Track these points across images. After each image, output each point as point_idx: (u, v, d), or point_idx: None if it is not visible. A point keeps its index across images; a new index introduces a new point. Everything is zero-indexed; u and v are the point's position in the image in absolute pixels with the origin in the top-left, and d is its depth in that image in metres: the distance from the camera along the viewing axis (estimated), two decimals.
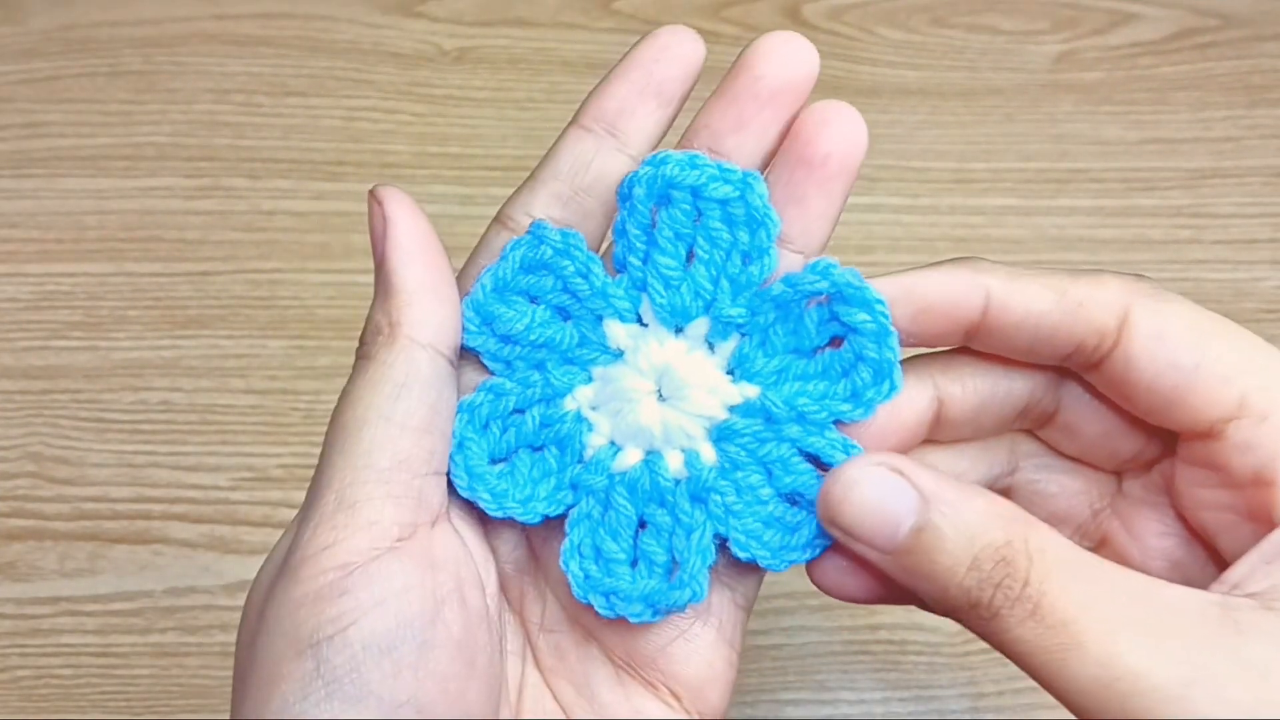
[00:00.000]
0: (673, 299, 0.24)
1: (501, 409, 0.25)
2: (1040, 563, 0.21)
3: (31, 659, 0.41)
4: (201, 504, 0.44)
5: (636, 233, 0.24)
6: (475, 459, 0.24)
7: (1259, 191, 0.52)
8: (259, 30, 0.56)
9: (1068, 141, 0.53)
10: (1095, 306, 0.23)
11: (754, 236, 0.24)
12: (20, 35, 0.55)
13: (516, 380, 0.25)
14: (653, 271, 0.24)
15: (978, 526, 0.22)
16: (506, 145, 0.53)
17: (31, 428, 0.45)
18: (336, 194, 0.51)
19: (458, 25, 0.56)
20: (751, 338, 0.25)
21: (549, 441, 0.25)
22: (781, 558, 0.24)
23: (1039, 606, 0.21)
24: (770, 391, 0.24)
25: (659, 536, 0.25)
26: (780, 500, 0.24)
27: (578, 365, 0.25)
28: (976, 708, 0.41)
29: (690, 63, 0.25)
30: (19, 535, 0.43)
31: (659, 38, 0.25)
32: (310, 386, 0.47)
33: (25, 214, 0.50)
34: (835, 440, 0.24)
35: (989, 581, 0.21)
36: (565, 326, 0.25)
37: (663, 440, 0.25)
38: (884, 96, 0.55)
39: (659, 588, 0.24)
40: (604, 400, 0.25)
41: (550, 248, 0.25)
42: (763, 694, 0.41)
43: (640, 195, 0.24)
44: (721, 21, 0.57)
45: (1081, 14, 0.57)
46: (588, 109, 0.26)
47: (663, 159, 0.24)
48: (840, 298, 0.24)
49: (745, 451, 0.24)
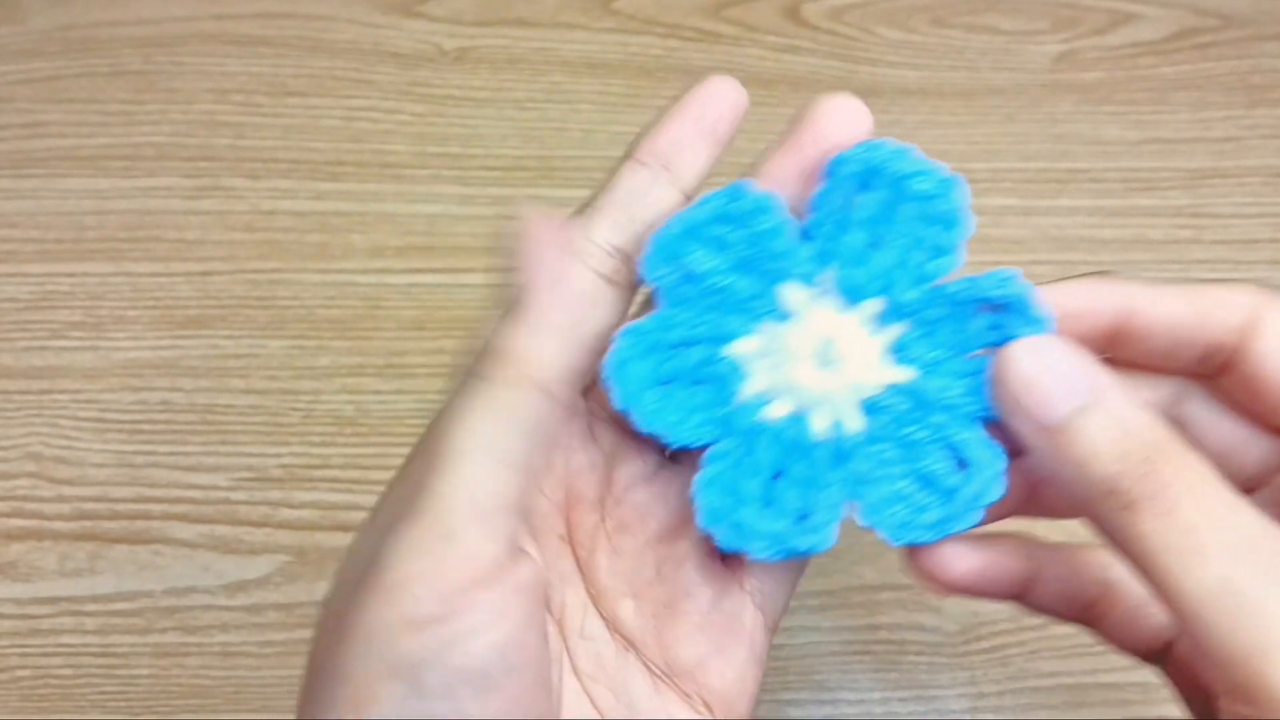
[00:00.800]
0: (854, 276, 0.25)
1: (667, 340, 0.26)
2: (1185, 473, 0.22)
3: (31, 659, 0.41)
4: (201, 504, 0.44)
5: (836, 207, 0.25)
6: (634, 377, 0.25)
7: (1259, 191, 0.52)
8: (259, 30, 0.56)
9: (1068, 141, 0.53)
10: (1227, 310, 0.25)
11: (946, 235, 0.25)
12: (20, 35, 0.55)
13: (686, 317, 0.26)
14: (842, 246, 0.25)
15: (1136, 425, 0.23)
16: (506, 145, 0.53)
17: (31, 427, 0.45)
18: (336, 194, 0.51)
19: (457, 25, 0.56)
20: (918, 327, 0.26)
21: (705, 379, 0.26)
22: (903, 534, 0.25)
23: (1175, 508, 0.22)
24: (925, 379, 0.25)
25: (793, 485, 0.26)
26: (913, 480, 0.25)
27: (747, 316, 0.26)
28: (976, 707, 0.41)
29: (737, 108, 0.27)
30: (19, 535, 0.43)
31: (711, 84, 0.27)
32: (310, 386, 0.47)
33: (25, 214, 0.50)
34: (977, 437, 0.25)
35: (1133, 474, 0.22)
36: (744, 278, 0.26)
37: (814, 401, 0.26)
38: (884, 96, 0.55)
39: (788, 528, 0.25)
40: (766, 354, 0.26)
41: (747, 204, 0.26)
42: (763, 694, 0.41)
43: (846, 174, 0.25)
44: (721, 21, 0.57)
45: (1081, 14, 0.57)
46: (643, 145, 0.27)
47: (875, 145, 0.25)
48: (1013, 309, 0.25)
49: (890, 428, 0.26)
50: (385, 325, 0.48)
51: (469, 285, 0.49)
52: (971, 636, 0.42)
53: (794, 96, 0.54)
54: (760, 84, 0.55)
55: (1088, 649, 0.42)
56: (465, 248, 0.50)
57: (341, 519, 0.44)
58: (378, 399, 0.46)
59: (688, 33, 0.56)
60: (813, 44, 0.56)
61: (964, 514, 0.25)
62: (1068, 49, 0.56)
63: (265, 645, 0.42)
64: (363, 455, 0.45)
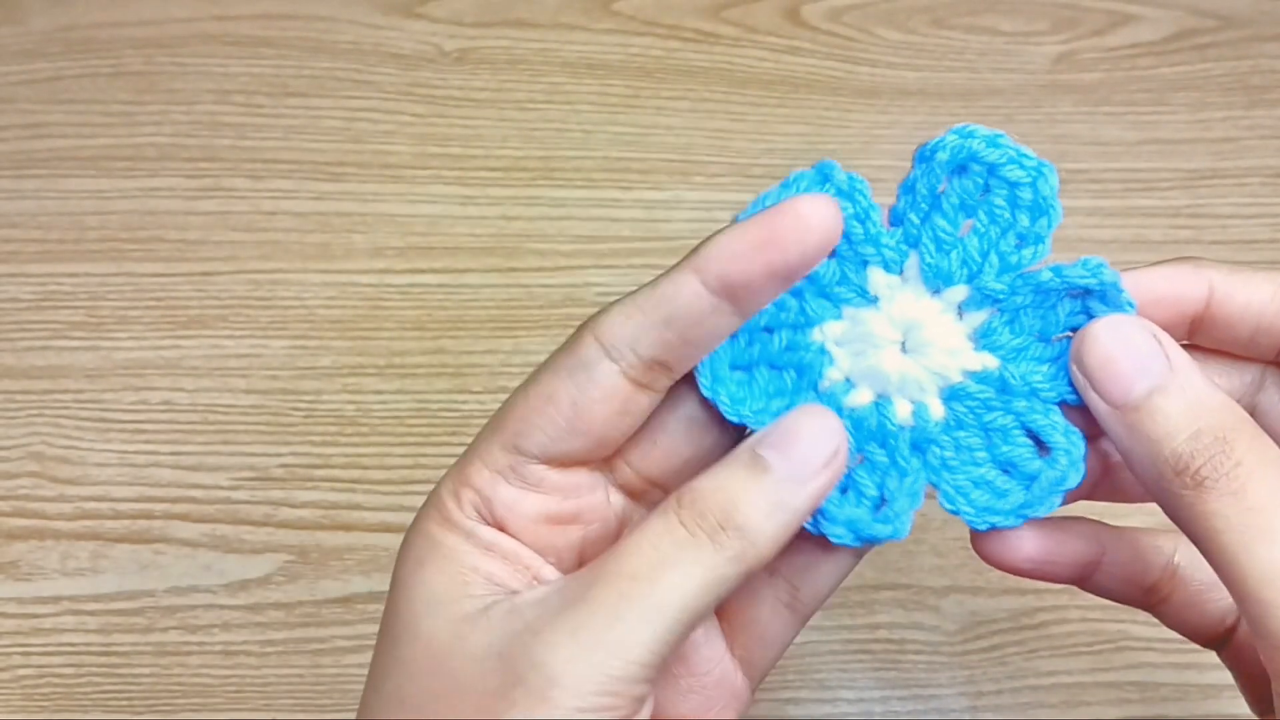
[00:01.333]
0: (941, 262, 0.26)
1: (751, 324, 0.26)
2: (1256, 455, 0.23)
3: (34, 658, 0.42)
4: (203, 503, 0.44)
5: (924, 193, 0.26)
6: (720, 362, 0.25)
7: (1258, 191, 0.52)
8: (260, 31, 0.56)
9: (1067, 142, 0.53)
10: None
11: (1034, 222, 0.25)
12: (21, 36, 0.55)
13: (772, 301, 0.26)
14: (929, 232, 0.26)
15: (1209, 406, 0.23)
16: (507, 146, 0.53)
17: (33, 427, 0.46)
18: (337, 194, 0.51)
19: (458, 26, 0.56)
20: (1003, 314, 0.26)
21: (789, 364, 0.26)
22: (984, 518, 0.26)
23: (1244, 488, 0.22)
24: (1009, 365, 0.26)
25: (873, 472, 0.26)
26: (994, 466, 0.26)
27: (831, 301, 0.26)
28: (976, 707, 0.41)
29: (827, 242, 0.24)
30: (21, 535, 0.44)
31: (804, 207, 0.24)
32: (311, 386, 0.47)
33: (27, 214, 0.50)
34: (1058, 423, 0.25)
35: (1204, 453, 0.23)
36: (829, 262, 0.26)
37: (896, 388, 0.26)
38: (884, 97, 0.55)
39: (865, 516, 0.25)
40: (849, 340, 0.26)
41: (835, 187, 0.25)
42: (763, 693, 0.41)
43: (941, 160, 0.25)
44: (721, 22, 0.57)
45: (1081, 15, 0.57)
46: (711, 262, 0.24)
47: (970, 132, 0.25)
48: (1100, 296, 0.25)
49: (972, 414, 0.26)
50: (386, 325, 0.48)
51: (469, 285, 0.49)
52: (971, 636, 0.42)
53: (793, 97, 0.54)
54: (760, 85, 0.55)
55: (1087, 649, 0.42)
56: (465, 248, 0.50)
57: (342, 519, 0.44)
58: (379, 399, 0.46)
59: (688, 34, 0.57)
60: (813, 45, 0.56)
61: (1045, 499, 0.25)
62: (1067, 50, 0.56)
63: (266, 644, 0.42)
64: (364, 455, 0.45)
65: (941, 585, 0.43)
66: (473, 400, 0.46)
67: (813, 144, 0.53)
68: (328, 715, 0.41)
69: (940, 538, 0.44)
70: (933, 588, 0.43)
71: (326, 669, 0.41)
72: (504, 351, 0.47)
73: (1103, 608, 0.42)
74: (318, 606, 0.42)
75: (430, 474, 0.44)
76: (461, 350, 0.48)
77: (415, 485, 0.44)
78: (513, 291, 0.49)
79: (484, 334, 0.48)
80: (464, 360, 0.47)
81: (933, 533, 0.44)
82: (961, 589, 0.43)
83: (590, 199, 0.52)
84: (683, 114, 0.54)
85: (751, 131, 0.53)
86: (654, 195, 0.52)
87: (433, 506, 0.25)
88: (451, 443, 0.45)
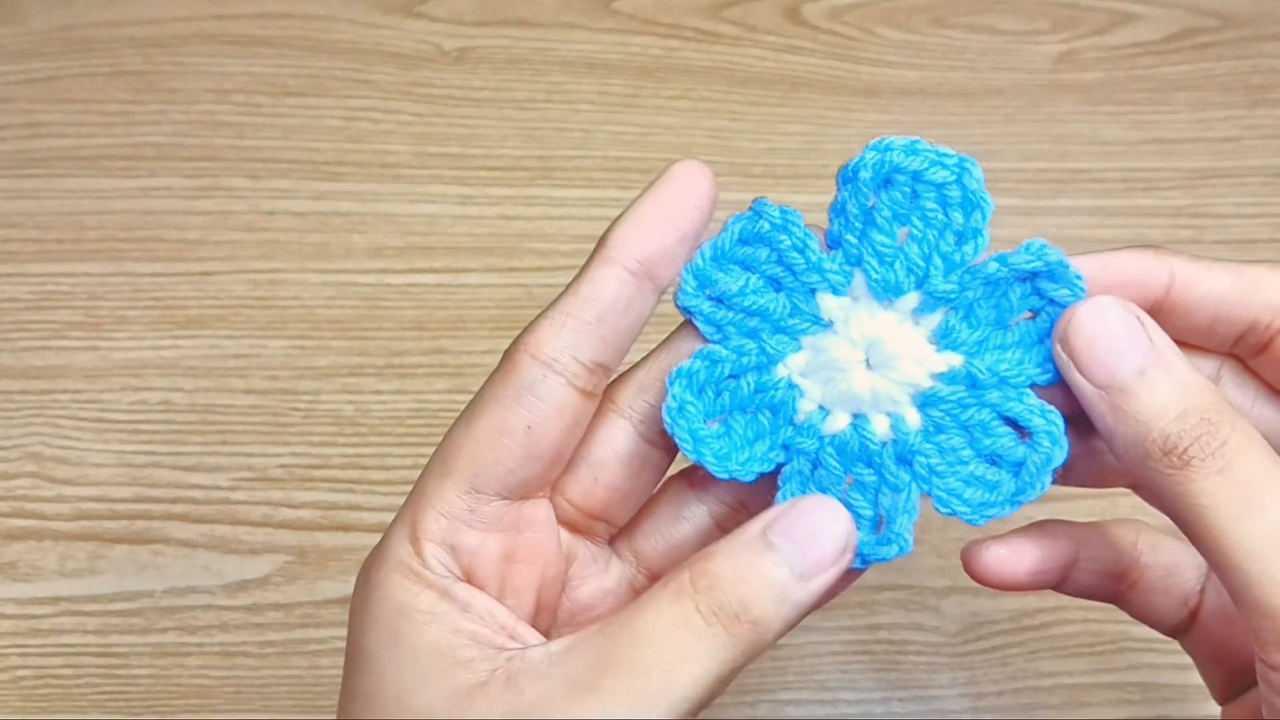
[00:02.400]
0: (887, 275, 0.26)
1: (717, 375, 0.26)
2: (1240, 434, 0.23)
3: (32, 659, 0.41)
4: (201, 504, 0.44)
5: (855, 212, 0.26)
6: (696, 422, 0.26)
7: (1259, 191, 0.52)
8: (259, 30, 0.56)
9: (1068, 141, 0.53)
10: (1270, 285, 0.25)
11: (968, 217, 0.26)
12: (20, 35, 0.55)
13: (731, 348, 0.26)
14: (869, 248, 0.26)
15: (1193, 386, 0.24)
16: (506, 145, 0.53)
17: (32, 428, 0.45)
18: (336, 194, 0.51)
19: (458, 25, 0.56)
20: (957, 311, 0.26)
21: (762, 406, 0.27)
22: (981, 513, 0.26)
23: (1230, 465, 0.23)
24: (974, 360, 0.26)
25: (865, 493, 0.26)
26: (981, 461, 0.26)
27: (788, 335, 0.27)
28: (976, 707, 0.41)
29: (710, 199, 0.26)
30: (19, 535, 0.43)
31: (680, 173, 0.26)
32: (310, 386, 0.47)
33: (25, 214, 0.50)
34: (1033, 405, 0.26)
35: (1190, 433, 0.23)
36: (778, 297, 0.27)
37: (870, 405, 0.26)
38: (884, 96, 0.55)
39: (867, 539, 0.26)
40: (815, 368, 0.27)
41: (768, 222, 0.26)
42: (763, 694, 0.41)
43: (865, 179, 0.26)
44: (721, 21, 0.57)
45: (1081, 14, 0.57)
46: (620, 245, 0.25)
47: (886, 145, 0.25)
48: (1048, 275, 0.25)
49: (949, 416, 0.26)
50: (385, 325, 0.48)
51: (469, 285, 0.49)
52: (971, 636, 0.42)
53: (794, 96, 0.54)
54: (760, 84, 0.55)
55: (1088, 649, 0.42)
56: (465, 248, 0.50)
57: (341, 519, 0.44)
58: (378, 399, 0.46)
59: (688, 33, 0.56)
60: (813, 44, 0.56)
61: (1036, 481, 0.25)
62: (1068, 49, 0.56)
63: (265, 645, 0.42)
64: (363, 455, 0.45)
65: (942, 586, 0.43)
66: None
67: (813, 143, 0.53)
68: (326, 716, 0.41)
69: (941, 538, 0.43)
70: (933, 588, 0.43)
71: (325, 670, 0.41)
72: (503, 351, 0.47)
73: (1104, 609, 0.42)
74: (316, 607, 0.42)
75: None
76: (461, 350, 0.47)
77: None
78: (512, 291, 0.49)
79: (484, 334, 0.48)
80: (463, 360, 0.47)
81: (933, 533, 0.43)
82: (962, 590, 0.43)
83: (590, 199, 0.51)
84: (683, 113, 0.54)
85: (751, 131, 0.53)
86: None
87: (388, 562, 0.25)
88: None
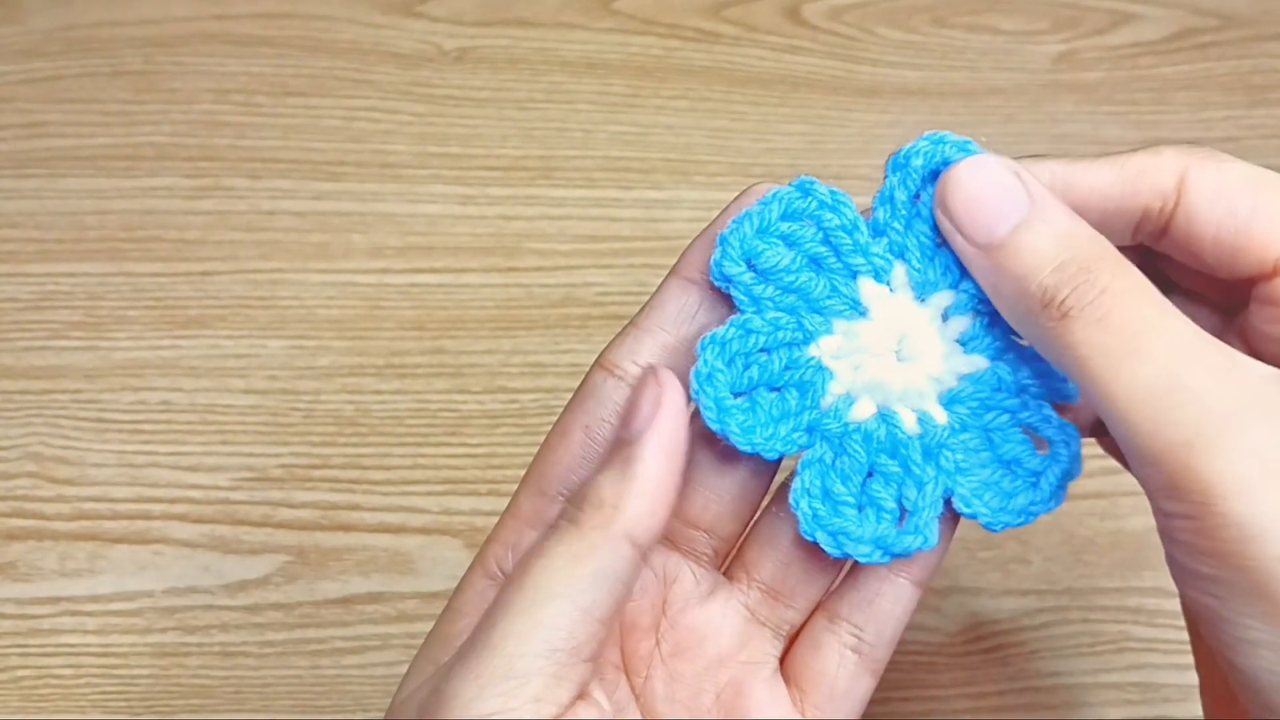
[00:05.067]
0: (927, 270, 0.26)
1: (749, 345, 0.26)
2: (1120, 281, 0.23)
3: (32, 659, 0.41)
4: (201, 504, 0.44)
5: (903, 200, 0.26)
6: (722, 391, 0.25)
7: None
8: (259, 30, 0.56)
9: (1068, 141, 0.53)
10: (1155, 172, 0.25)
11: None
12: (20, 35, 0.55)
13: (767, 320, 0.26)
14: (914, 240, 0.26)
15: (1073, 238, 0.23)
16: (506, 145, 0.53)
17: (31, 428, 0.45)
18: (337, 194, 0.51)
19: (458, 25, 0.56)
20: (985, 316, 0.26)
21: (790, 384, 0.26)
22: (998, 519, 0.26)
23: (1109, 314, 0.22)
24: (996, 366, 0.26)
25: (887, 485, 0.26)
26: (999, 466, 0.26)
27: (823, 316, 0.26)
28: (976, 707, 0.41)
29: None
30: (19, 535, 0.43)
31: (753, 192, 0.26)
32: (310, 387, 0.47)
33: (25, 214, 0.50)
34: (1052, 418, 0.26)
35: (1069, 283, 0.23)
36: (818, 276, 0.26)
37: (898, 397, 0.26)
38: (884, 96, 0.55)
39: (891, 531, 0.25)
40: (845, 353, 0.26)
41: (817, 200, 0.26)
42: None
43: (916, 168, 0.25)
44: (721, 21, 0.57)
45: (1081, 14, 0.57)
46: (691, 261, 0.26)
47: (940, 138, 0.25)
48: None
49: (973, 415, 0.26)
50: (385, 325, 0.48)
51: (469, 285, 0.49)
52: (971, 636, 0.42)
53: (794, 96, 0.54)
54: (760, 84, 0.55)
55: (1088, 649, 0.42)
56: (465, 248, 0.50)
57: (341, 519, 0.44)
58: (378, 399, 0.46)
59: (688, 33, 0.56)
60: (813, 44, 0.56)
61: (1052, 494, 0.26)
62: (1068, 49, 0.56)
63: (265, 645, 0.42)
64: (363, 455, 0.45)
65: (943, 586, 0.43)
66: (472, 400, 0.46)
67: (813, 143, 0.53)
68: (326, 716, 0.41)
69: None
70: (934, 588, 0.43)
71: (325, 670, 0.41)
72: (503, 351, 0.47)
73: (1104, 609, 0.42)
74: (316, 607, 0.42)
75: (429, 474, 0.44)
76: (461, 350, 0.47)
77: (414, 485, 0.44)
78: (512, 291, 0.49)
79: (483, 334, 0.48)
80: (463, 360, 0.47)
81: None
82: (963, 590, 0.43)
83: (590, 198, 0.51)
84: (682, 113, 0.54)
85: (751, 131, 0.53)
86: (654, 195, 0.52)
87: (474, 563, 0.26)
88: (451, 442, 0.45)
